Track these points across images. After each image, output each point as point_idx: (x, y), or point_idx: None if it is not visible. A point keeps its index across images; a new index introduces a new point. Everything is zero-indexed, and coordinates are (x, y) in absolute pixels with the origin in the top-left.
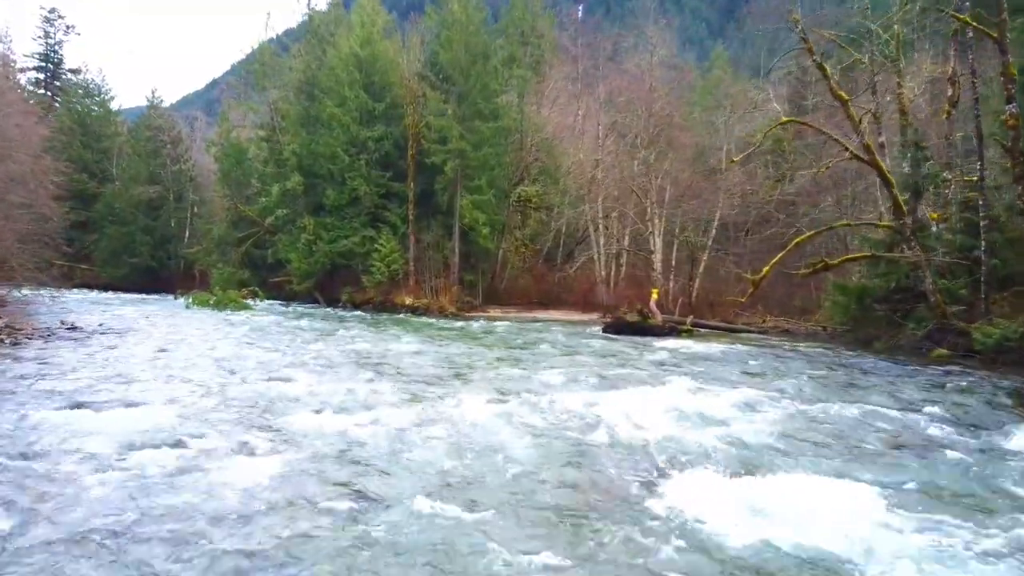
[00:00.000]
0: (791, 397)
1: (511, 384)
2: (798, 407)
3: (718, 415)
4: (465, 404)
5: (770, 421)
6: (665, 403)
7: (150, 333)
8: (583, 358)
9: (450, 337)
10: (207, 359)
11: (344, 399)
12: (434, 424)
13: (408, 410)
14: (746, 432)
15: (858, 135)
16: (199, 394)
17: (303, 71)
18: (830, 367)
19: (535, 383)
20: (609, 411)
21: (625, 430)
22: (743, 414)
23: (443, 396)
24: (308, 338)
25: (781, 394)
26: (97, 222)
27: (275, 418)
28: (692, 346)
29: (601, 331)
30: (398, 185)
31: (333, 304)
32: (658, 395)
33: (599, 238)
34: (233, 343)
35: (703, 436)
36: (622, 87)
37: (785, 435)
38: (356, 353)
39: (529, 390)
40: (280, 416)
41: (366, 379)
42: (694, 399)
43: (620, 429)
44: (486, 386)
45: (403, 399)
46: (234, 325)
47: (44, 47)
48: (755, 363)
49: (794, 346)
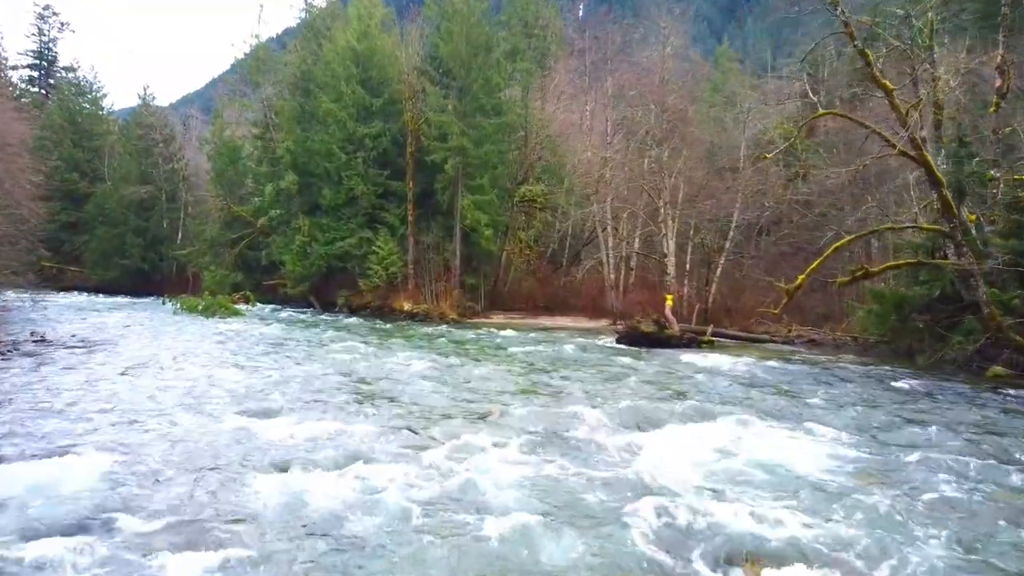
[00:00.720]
0: (866, 442)
1: (533, 423)
2: (887, 461)
3: (795, 471)
4: (487, 459)
5: (857, 482)
6: (726, 452)
7: (123, 348)
8: (606, 381)
9: (453, 351)
10: (173, 386)
11: (325, 450)
12: (444, 490)
13: (409, 469)
14: (836, 504)
15: (905, 128)
16: (143, 441)
17: (298, 66)
18: (884, 389)
19: (563, 420)
20: (669, 471)
21: (699, 504)
22: (822, 473)
23: (456, 445)
24: (296, 354)
25: (851, 436)
26: (88, 223)
27: (230, 482)
28: (718, 361)
29: (615, 342)
30: (397, 184)
31: (329, 308)
32: (715, 439)
33: (608, 240)
34: (211, 361)
35: (783, 512)
36: (632, 81)
37: (882, 511)
38: (348, 375)
39: (557, 432)
40: (237, 477)
41: (356, 415)
42: (756, 446)
43: (696, 505)
44: (507, 428)
45: (402, 448)
46: (219, 336)
47: (38, 44)
48: (798, 385)
49: (829, 361)
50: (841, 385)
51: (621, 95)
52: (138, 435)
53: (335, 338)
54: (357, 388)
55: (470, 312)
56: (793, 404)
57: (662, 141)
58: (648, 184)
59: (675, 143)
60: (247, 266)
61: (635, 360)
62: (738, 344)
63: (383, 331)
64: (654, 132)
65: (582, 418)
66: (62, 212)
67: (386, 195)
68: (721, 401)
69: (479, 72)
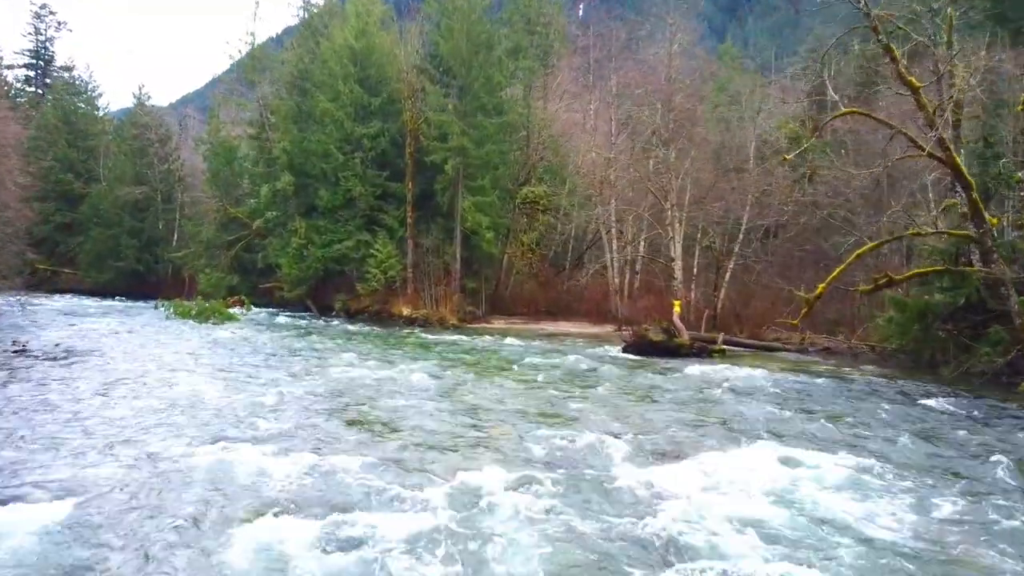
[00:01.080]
0: (935, 484)
1: (545, 456)
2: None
3: (867, 532)
4: (492, 507)
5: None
6: (776, 497)
7: (107, 359)
8: (621, 400)
9: (454, 363)
10: (153, 406)
11: (310, 492)
12: (442, 548)
13: (404, 522)
14: None
15: (932, 128)
16: (105, 481)
17: (295, 64)
18: (923, 410)
19: (579, 451)
20: (713, 525)
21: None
22: (905, 535)
23: (457, 487)
24: (289, 367)
25: (915, 476)
26: (83, 224)
27: (197, 538)
28: (733, 373)
29: (621, 351)
30: (395, 185)
31: (326, 312)
32: (759, 478)
33: (612, 243)
34: (197, 375)
35: None
36: (638, 79)
37: None
38: (342, 394)
39: (574, 468)
40: (207, 529)
41: (348, 445)
42: (813, 493)
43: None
44: (515, 461)
45: (398, 490)
46: (210, 344)
47: (35, 44)
48: (830, 405)
49: (850, 373)
50: (874, 404)
51: (626, 94)
52: (101, 472)
53: (331, 348)
54: (351, 410)
55: (471, 317)
56: (835, 430)
57: (669, 141)
58: (654, 185)
59: (682, 143)
60: (243, 269)
61: (648, 374)
62: (750, 353)
63: (381, 339)
64: (660, 132)
65: (600, 449)
66: (56, 213)
67: (385, 197)
68: (754, 426)
69: (480, 70)
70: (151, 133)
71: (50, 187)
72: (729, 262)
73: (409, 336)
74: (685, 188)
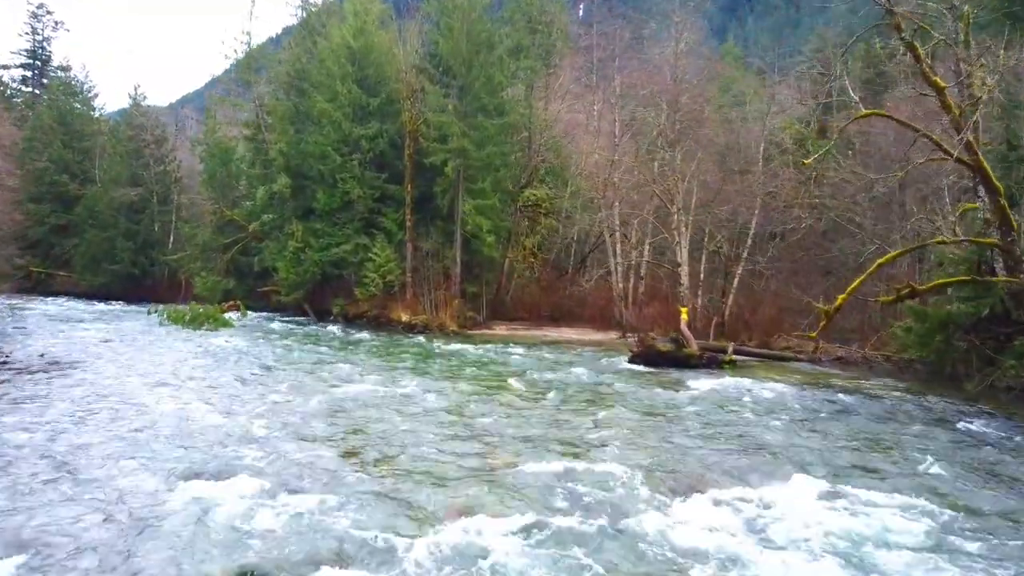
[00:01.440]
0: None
1: (553, 491)
2: None
3: None
4: (494, 559)
5: None
6: (813, 542)
7: (91, 372)
8: (633, 419)
9: (454, 375)
10: (131, 431)
11: (293, 542)
12: None
13: None
14: None
15: (958, 132)
16: (66, 528)
17: (292, 64)
18: (949, 427)
19: (592, 487)
20: None
21: None
22: None
23: (455, 534)
24: (282, 380)
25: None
26: (78, 226)
27: None
28: (748, 387)
29: (628, 361)
30: (394, 188)
31: (324, 317)
32: (800, 524)
33: (616, 247)
34: (184, 391)
35: None
36: (643, 79)
37: None
38: (334, 412)
39: (587, 508)
40: None
41: (338, 478)
42: (852, 535)
43: None
44: (521, 498)
45: (391, 537)
46: (202, 354)
47: (31, 44)
48: (858, 425)
49: (869, 385)
50: (905, 425)
51: (630, 94)
52: (61, 517)
53: (326, 360)
54: (343, 437)
55: (471, 323)
56: (875, 459)
57: (675, 143)
58: (659, 188)
59: (689, 145)
60: (240, 272)
61: (659, 388)
62: (761, 363)
63: (378, 348)
64: (666, 133)
65: (618, 485)
66: (51, 215)
67: (383, 199)
68: (786, 454)
69: (481, 70)
70: (147, 134)
71: (45, 188)
72: (737, 267)
73: (407, 344)
74: (691, 191)
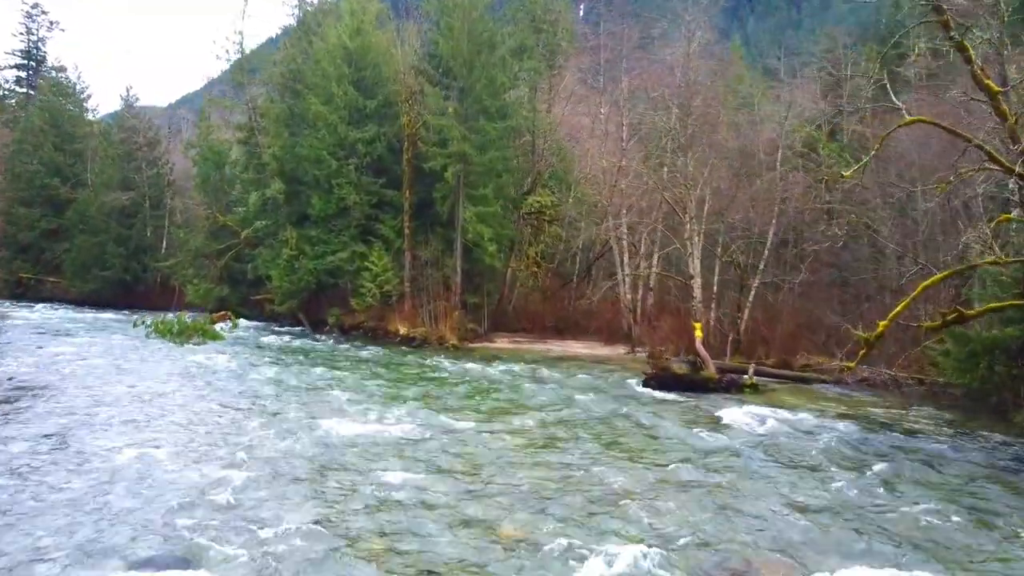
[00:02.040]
0: None
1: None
2: None
3: None
4: None
5: None
6: None
7: (56, 404)
8: (655, 462)
9: (455, 404)
10: (86, 489)
11: None
12: None
13: None
14: None
15: (1015, 141)
16: None
17: (287, 65)
18: None
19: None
20: None
21: None
22: None
23: None
24: (265, 413)
25: None
26: (69, 230)
27: None
28: (780, 418)
29: (642, 384)
30: (392, 193)
31: (319, 327)
32: None
33: (623, 257)
34: (155, 427)
35: None
36: (652, 80)
37: None
38: (320, 463)
39: None
40: None
41: (317, 562)
42: None
43: None
44: None
45: None
46: (185, 376)
47: (26, 44)
48: (915, 471)
49: (911, 416)
50: (982, 474)
51: (639, 96)
52: None
53: (317, 382)
54: (328, 498)
55: (472, 335)
56: (982, 536)
57: (686, 148)
58: (670, 195)
59: (702, 150)
60: (233, 279)
61: (681, 421)
62: (784, 386)
63: (374, 366)
64: (678, 138)
65: (650, 569)
66: (42, 219)
67: (380, 205)
68: (867, 528)
69: (482, 71)
70: (139, 136)
71: (35, 192)
72: (754, 280)
73: (405, 363)
74: (704, 199)
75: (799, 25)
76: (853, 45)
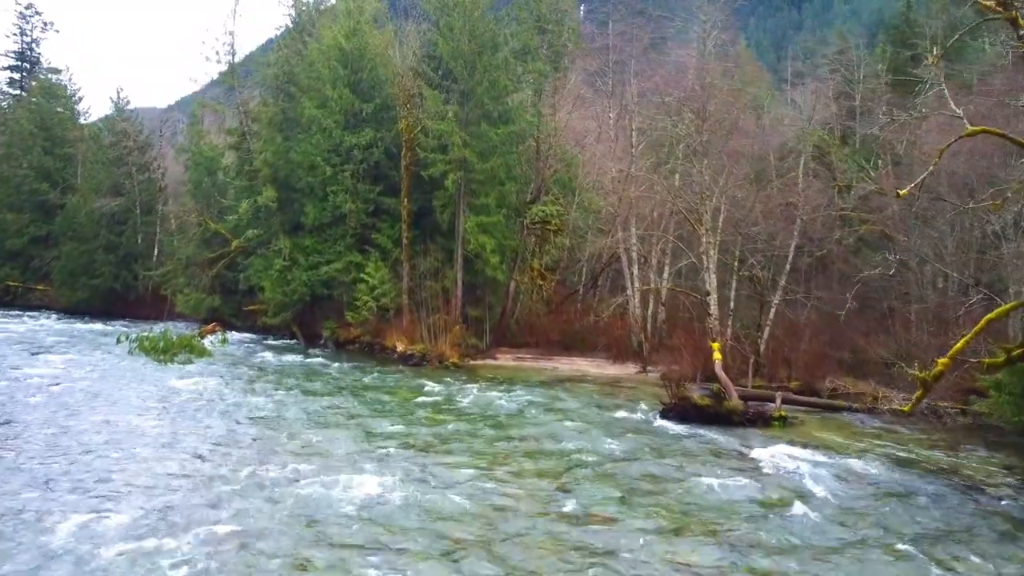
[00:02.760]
0: None
1: None
2: None
3: None
4: None
5: None
6: None
7: (17, 442)
8: (684, 525)
9: (456, 445)
10: (6, 563)
11: None
12: None
13: None
14: None
15: None
16: None
17: (280, 67)
18: None
19: None
20: None
21: None
22: None
23: None
24: (240, 456)
25: None
26: (58, 237)
27: None
28: (819, 461)
29: (660, 415)
30: (390, 201)
31: (314, 341)
32: None
33: (633, 271)
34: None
35: None
36: (664, 83)
37: None
38: (295, 537)
39: None
40: None
41: None
42: None
43: None
44: None
45: None
46: (165, 403)
47: (20, 45)
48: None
49: (969, 465)
50: None
51: (650, 100)
52: None
53: (304, 413)
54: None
55: (473, 351)
56: None
57: (702, 155)
58: (683, 205)
59: (718, 157)
60: (226, 289)
61: (709, 465)
62: (815, 417)
63: (368, 392)
64: (693, 144)
65: None
66: (31, 225)
67: (377, 213)
68: None
69: (484, 73)
70: (129, 140)
71: (24, 197)
72: (774, 296)
73: (402, 386)
74: (720, 210)
75: (800, 26)
76: (857, 46)
